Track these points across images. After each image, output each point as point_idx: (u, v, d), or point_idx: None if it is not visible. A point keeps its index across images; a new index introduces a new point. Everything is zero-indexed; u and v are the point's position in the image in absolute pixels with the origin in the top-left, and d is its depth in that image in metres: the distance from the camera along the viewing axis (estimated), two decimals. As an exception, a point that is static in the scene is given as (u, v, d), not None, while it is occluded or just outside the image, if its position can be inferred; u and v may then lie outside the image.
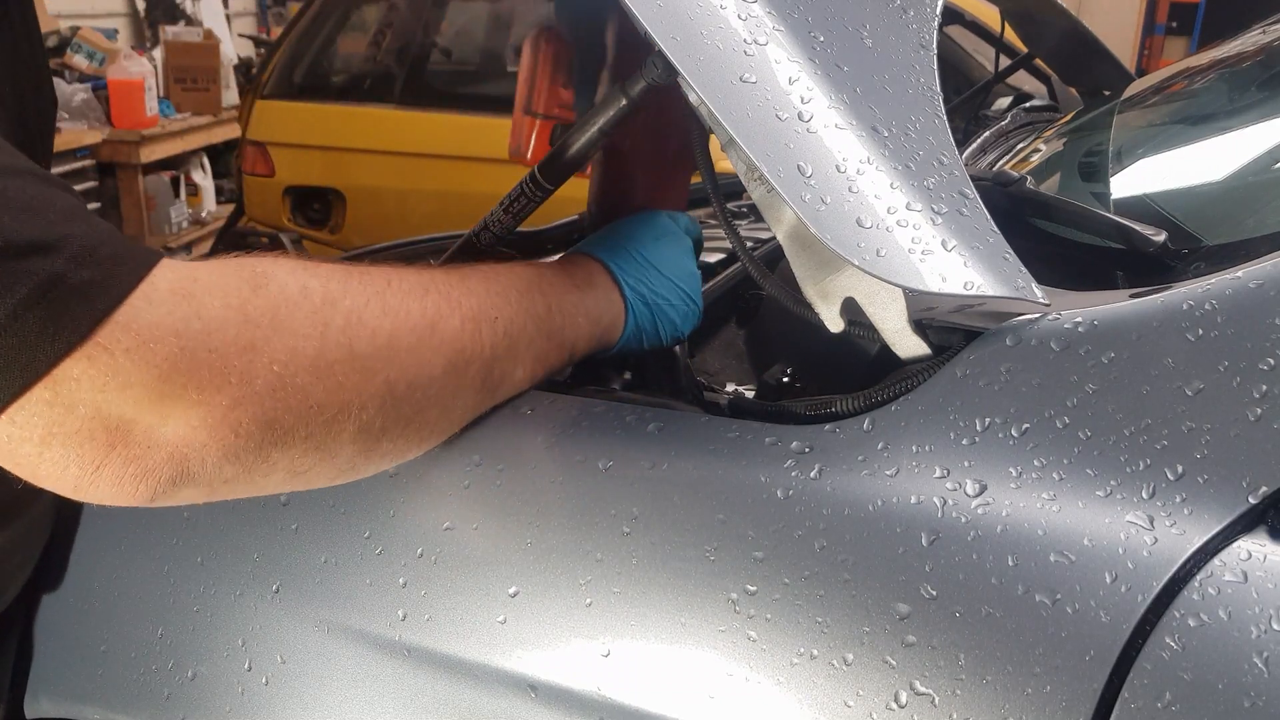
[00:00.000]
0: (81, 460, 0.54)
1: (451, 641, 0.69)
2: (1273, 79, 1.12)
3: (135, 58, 4.52)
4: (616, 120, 0.84)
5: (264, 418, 0.58)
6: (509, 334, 0.72)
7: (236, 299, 0.57)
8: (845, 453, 0.64)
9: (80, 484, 0.56)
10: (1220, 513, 0.56)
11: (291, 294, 0.60)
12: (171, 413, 0.55)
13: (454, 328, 0.67)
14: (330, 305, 0.61)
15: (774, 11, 0.67)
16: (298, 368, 0.59)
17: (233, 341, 0.56)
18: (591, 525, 0.67)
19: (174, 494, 0.58)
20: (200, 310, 0.56)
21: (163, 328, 0.54)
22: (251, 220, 3.71)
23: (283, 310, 0.59)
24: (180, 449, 0.56)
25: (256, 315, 0.58)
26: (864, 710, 0.57)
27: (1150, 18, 9.12)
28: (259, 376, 0.57)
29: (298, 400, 0.59)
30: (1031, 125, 1.50)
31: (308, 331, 0.59)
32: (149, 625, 0.81)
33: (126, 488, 0.56)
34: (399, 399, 0.65)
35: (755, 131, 0.63)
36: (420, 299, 0.66)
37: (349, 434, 0.63)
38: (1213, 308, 0.61)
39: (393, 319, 0.64)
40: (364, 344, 0.62)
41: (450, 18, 3.89)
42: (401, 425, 0.67)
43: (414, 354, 0.65)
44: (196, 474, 0.57)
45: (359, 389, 0.62)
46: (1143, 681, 0.53)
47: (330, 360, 0.60)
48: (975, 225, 0.65)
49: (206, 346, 0.55)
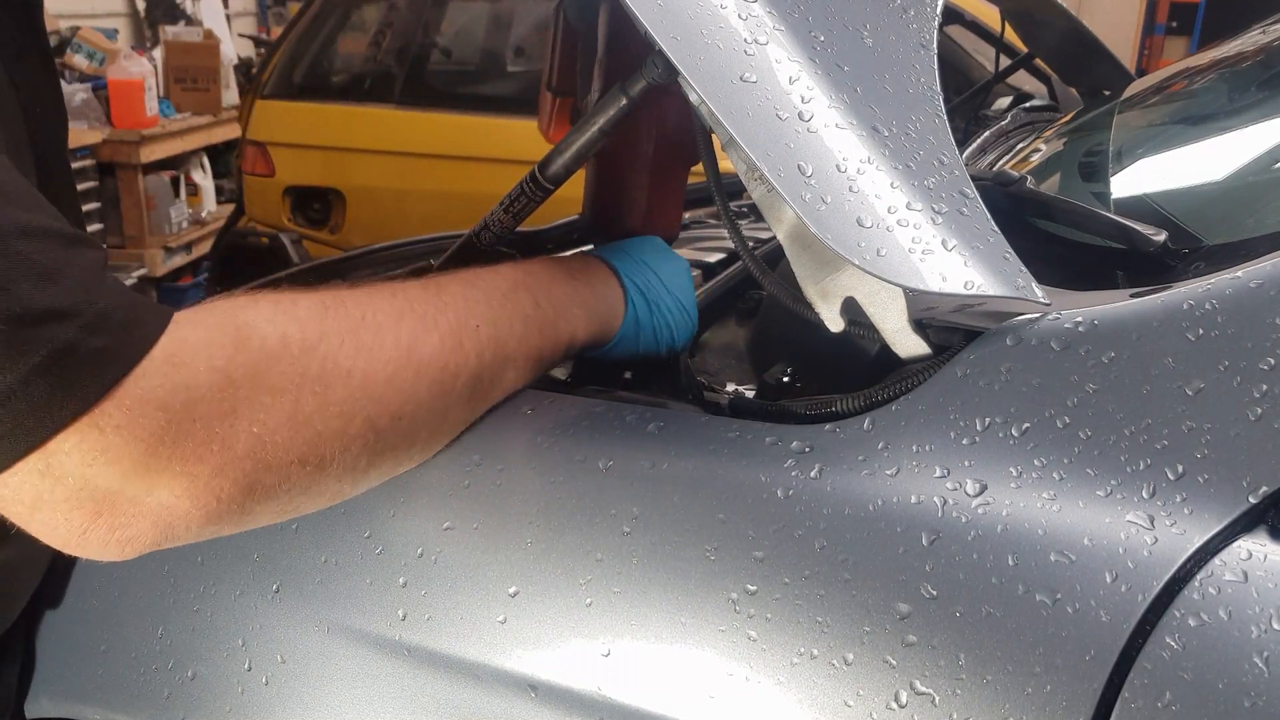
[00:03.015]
0: (69, 525, 0.56)
1: (451, 641, 0.69)
2: (1273, 79, 1.12)
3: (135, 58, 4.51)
4: (617, 120, 0.84)
5: (245, 481, 0.59)
6: (495, 338, 0.72)
7: (221, 359, 0.58)
8: (845, 452, 0.64)
9: (68, 544, 0.58)
10: (1220, 512, 0.56)
11: (271, 347, 0.60)
12: (156, 484, 0.56)
13: (433, 346, 0.67)
14: (307, 353, 0.61)
15: (774, 11, 0.67)
16: (276, 425, 0.59)
17: (216, 409, 0.57)
18: (591, 525, 0.67)
19: (159, 548, 0.60)
20: (188, 379, 0.56)
21: (152, 401, 0.55)
22: (251, 220, 3.71)
23: (262, 366, 0.59)
24: (164, 517, 0.57)
25: (239, 376, 0.58)
26: (864, 710, 0.57)
27: (1150, 18, 9.11)
28: (239, 440, 0.58)
29: (278, 458, 0.60)
30: (1031, 125, 1.50)
31: (285, 386, 0.60)
32: (149, 625, 0.81)
33: (112, 550, 0.58)
34: (382, 432, 0.65)
35: (755, 131, 0.63)
36: (394, 327, 0.66)
37: (334, 473, 0.64)
38: (1213, 307, 0.61)
39: (367, 356, 0.64)
40: (339, 389, 0.62)
41: (450, 18, 3.89)
42: (389, 453, 0.67)
43: (393, 385, 0.65)
44: (181, 536, 0.59)
45: (339, 434, 0.62)
46: (1143, 681, 0.53)
47: (307, 414, 0.61)
48: (975, 225, 0.65)
49: (191, 417, 0.56)
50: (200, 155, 4.94)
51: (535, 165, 0.89)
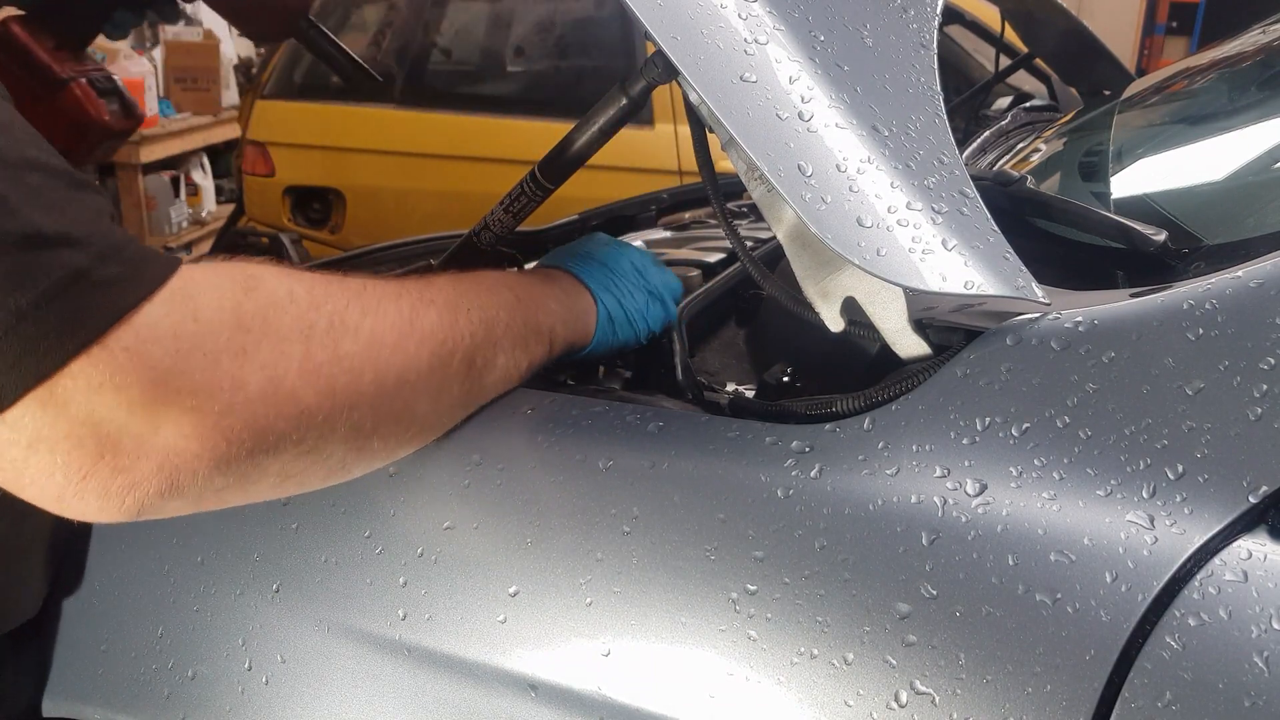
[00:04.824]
0: (68, 468, 0.53)
1: (452, 641, 0.69)
2: (1273, 79, 1.12)
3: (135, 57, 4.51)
4: (617, 119, 0.84)
5: (256, 424, 0.57)
6: (485, 320, 0.72)
7: (230, 301, 0.57)
8: (845, 452, 0.64)
9: (64, 494, 0.54)
10: (1220, 512, 0.56)
11: (280, 297, 0.60)
12: (163, 421, 0.54)
13: (432, 320, 0.68)
14: (315, 308, 0.61)
15: (774, 11, 0.67)
16: (287, 370, 0.59)
17: (226, 345, 0.56)
18: (591, 525, 0.67)
19: (161, 507, 0.56)
20: (197, 311, 0.56)
21: (163, 330, 0.54)
22: (251, 220, 3.71)
23: (272, 313, 0.59)
24: (170, 459, 0.54)
25: (248, 318, 0.58)
26: (864, 710, 0.57)
27: (1150, 18, 9.11)
28: (251, 382, 0.57)
29: (289, 405, 0.59)
30: (1031, 125, 1.50)
31: (295, 335, 0.60)
32: (149, 625, 0.81)
33: (112, 501, 0.54)
34: (388, 395, 0.65)
35: (755, 131, 0.63)
36: (395, 300, 0.67)
37: (340, 435, 0.63)
38: (1213, 307, 0.61)
39: (374, 317, 0.64)
40: (349, 343, 0.62)
41: (450, 18, 3.89)
42: (392, 422, 0.67)
43: (399, 350, 0.65)
44: (186, 486, 0.56)
45: (348, 389, 0.62)
46: (1143, 681, 0.53)
47: (318, 362, 0.60)
48: (975, 225, 0.65)
49: (201, 350, 0.55)
50: (200, 155, 4.94)
51: (535, 165, 0.89)
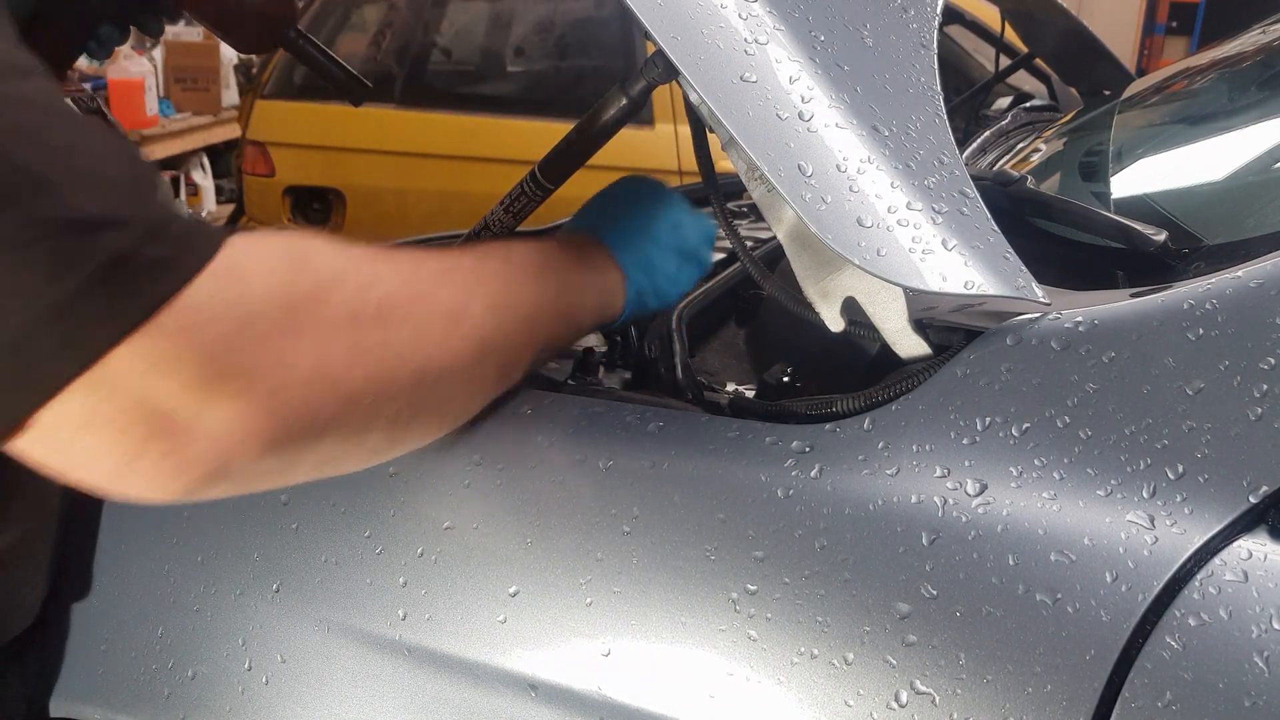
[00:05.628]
0: (117, 451, 0.52)
1: (452, 641, 0.69)
2: (1273, 79, 1.12)
3: (135, 57, 4.51)
4: (617, 119, 0.84)
5: (304, 406, 0.56)
6: (528, 319, 0.71)
7: (280, 279, 0.56)
8: (846, 452, 0.64)
9: (114, 477, 0.53)
10: (1221, 512, 0.56)
11: (331, 277, 0.59)
12: (215, 400, 0.52)
13: (476, 316, 0.67)
14: (365, 290, 0.60)
15: (774, 11, 0.67)
16: (338, 353, 0.57)
17: (276, 325, 0.55)
18: (591, 525, 0.67)
19: (209, 488, 0.55)
20: (246, 291, 0.54)
21: (212, 310, 0.52)
22: (252, 220, 3.71)
23: (322, 294, 0.57)
24: (221, 441, 0.53)
25: (298, 298, 0.56)
26: (864, 710, 0.57)
27: (1150, 18, 9.12)
28: (300, 363, 0.55)
29: (339, 388, 0.57)
30: (1031, 125, 1.50)
31: (344, 316, 0.58)
32: (149, 625, 0.81)
33: (162, 482, 0.53)
34: (429, 386, 0.64)
35: (756, 131, 0.63)
36: (446, 287, 0.65)
37: (382, 422, 0.62)
38: (1213, 307, 0.61)
39: (423, 305, 0.63)
40: (397, 331, 0.61)
41: (450, 18, 3.89)
42: (429, 413, 0.66)
43: (444, 343, 0.64)
44: (235, 468, 0.55)
45: (394, 377, 0.61)
46: (1143, 681, 0.53)
47: (367, 346, 0.59)
48: (976, 225, 0.65)
49: (252, 330, 0.54)
50: (200, 155, 4.94)
51: (535, 165, 0.89)
